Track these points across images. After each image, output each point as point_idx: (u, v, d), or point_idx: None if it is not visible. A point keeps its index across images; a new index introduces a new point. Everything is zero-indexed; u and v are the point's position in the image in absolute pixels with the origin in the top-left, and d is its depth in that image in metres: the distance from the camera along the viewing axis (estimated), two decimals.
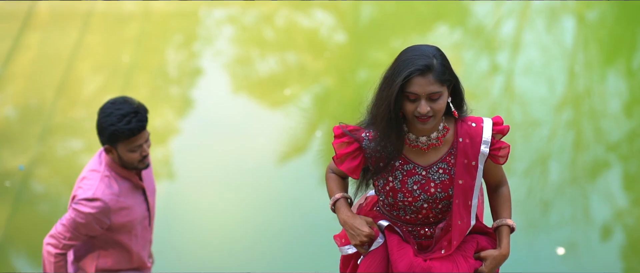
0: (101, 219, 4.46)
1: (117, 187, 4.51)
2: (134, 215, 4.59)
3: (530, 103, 7.91)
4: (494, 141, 3.43)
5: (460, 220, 3.45)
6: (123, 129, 4.39)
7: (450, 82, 3.33)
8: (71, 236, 4.49)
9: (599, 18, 9.46)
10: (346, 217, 3.50)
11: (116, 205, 4.49)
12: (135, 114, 4.41)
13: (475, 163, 3.43)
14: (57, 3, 9.45)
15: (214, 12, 9.66)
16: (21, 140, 7.42)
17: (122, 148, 4.45)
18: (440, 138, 3.42)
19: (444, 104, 3.32)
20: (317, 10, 9.69)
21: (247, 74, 8.65)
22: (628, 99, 8.00)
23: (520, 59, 8.68)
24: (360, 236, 3.44)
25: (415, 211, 3.50)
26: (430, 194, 3.45)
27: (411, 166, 3.45)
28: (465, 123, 3.44)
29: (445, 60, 3.32)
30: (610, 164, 7.21)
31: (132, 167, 4.52)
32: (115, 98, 4.50)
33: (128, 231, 4.61)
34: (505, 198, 3.59)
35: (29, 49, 8.71)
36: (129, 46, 8.88)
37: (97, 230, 4.50)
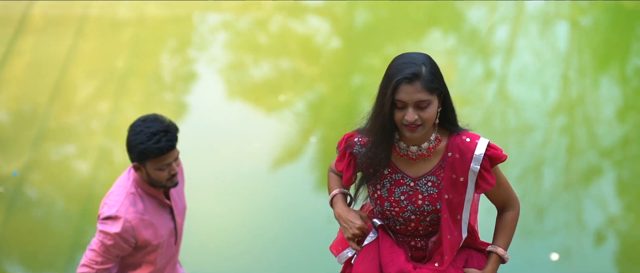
0: (127, 238, 4.42)
1: (141, 205, 4.47)
2: (159, 233, 4.55)
3: (524, 109, 7.92)
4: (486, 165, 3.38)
5: (450, 235, 3.42)
6: (152, 148, 4.36)
7: (440, 91, 3.29)
8: (103, 260, 4.45)
9: (592, 24, 9.47)
10: (340, 210, 3.49)
11: (140, 223, 4.45)
12: (165, 133, 4.38)
13: (464, 180, 3.38)
14: (51, 9, 9.45)
15: (208, 18, 9.66)
16: (14, 146, 7.41)
17: (150, 167, 4.41)
18: (430, 149, 3.38)
19: (433, 113, 3.29)
20: (311, 16, 9.70)
21: (241, 79, 8.65)
22: (621, 105, 8.02)
23: (514, 64, 8.69)
24: (352, 228, 3.42)
25: (404, 223, 3.48)
26: (417, 206, 3.42)
27: (400, 175, 3.43)
28: (459, 137, 3.40)
29: (435, 68, 3.29)
30: (603, 170, 7.23)
31: (160, 185, 4.49)
32: (146, 116, 4.47)
33: (153, 249, 4.57)
34: (505, 223, 3.53)
35: (23, 55, 8.70)
36: (123, 52, 8.87)
37: (127, 249, 4.46)
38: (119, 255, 4.48)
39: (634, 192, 6.98)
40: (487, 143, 3.38)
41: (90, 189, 7.00)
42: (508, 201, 3.53)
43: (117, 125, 7.73)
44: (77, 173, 7.27)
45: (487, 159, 3.37)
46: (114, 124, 7.75)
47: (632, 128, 7.73)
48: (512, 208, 3.53)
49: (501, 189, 3.49)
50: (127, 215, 4.42)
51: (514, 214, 3.53)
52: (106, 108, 7.99)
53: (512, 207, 3.53)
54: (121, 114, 7.90)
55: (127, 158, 7.41)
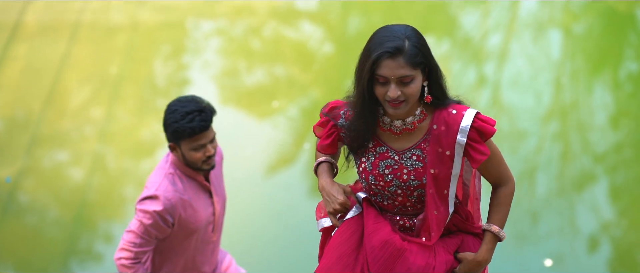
0: (166, 217, 4.40)
1: (181, 185, 4.46)
2: (198, 217, 4.53)
3: (518, 115, 7.93)
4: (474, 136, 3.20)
5: (436, 210, 3.25)
6: (185, 127, 4.36)
7: (424, 65, 3.13)
8: (142, 242, 4.43)
9: (585, 30, 9.49)
10: (325, 183, 3.32)
11: (178, 201, 4.43)
12: (199, 113, 4.37)
13: (450, 153, 3.20)
14: (45, 14, 9.44)
15: (202, 24, 9.67)
16: (8, 152, 7.40)
17: (185, 146, 4.41)
18: (414, 123, 3.22)
19: (417, 88, 3.13)
20: (304, 22, 9.70)
21: (235, 85, 8.65)
22: (615, 111, 8.03)
23: (508, 70, 8.71)
24: (334, 203, 3.24)
25: (391, 198, 3.30)
26: (402, 180, 3.24)
27: (384, 149, 3.27)
28: (446, 110, 3.22)
29: (419, 41, 3.12)
30: (597, 176, 7.23)
31: (196, 167, 4.47)
32: (184, 96, 4.48)
33: (190, 233, 4.55)
34: (499, 200, 3.35)
35: (17, 60, 8.70)
36: (116, 58, 8.87)
37: (166, 230, 4.44)
38: (158, 236, 4.45)
39: (628, 198, 6.99)
40: (475, 113, 3.21)
41: (84, 195, 6.99)
42: (502, 177, 3.34)
43: (111, 131, 7.73)
44: (71, 179, 7.26)
45: (474, 131, 3.19)
46: (108, 130, 7.75)
47: (626, 133, 7.74)
48: (506, 184, 3.35)
49: (494, 163, 3.30)
50: (166, 193, 4.42)
51: (508, 190, 3.35)
52: (100, 113, 7.98)
53: (506, 183, 3.35)
54: (115, 120, 7.90)
55: (120, 164, 7.42)
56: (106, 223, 6.82)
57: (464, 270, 3.30)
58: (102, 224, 6.81)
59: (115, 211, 6.94)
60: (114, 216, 6.88)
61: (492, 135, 3.19)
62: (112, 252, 6.49)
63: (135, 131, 7.85)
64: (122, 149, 7.57)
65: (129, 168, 7.42)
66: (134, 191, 7.13)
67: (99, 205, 6.95)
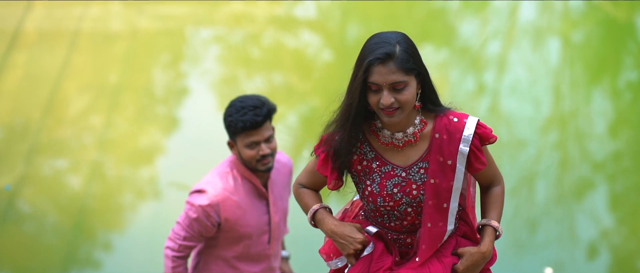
0: (210, 213, 4.34)
1: (233, 185, 4.40)
2: (248, 221, 4.44)
3: (517, 123, 7.93)
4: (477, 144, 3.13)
5: (431, 223, 3.13)
6: (237, 120, 4.29)
7: (417, 71, 3.06)
8: (186, 236, 4.37)
9: (584, 38, 9.50)
10: (333, 226, 3.22)
11: (226, 200, 4.36)
12: (254, 108, 4.30)
13: (452, 163, 3.12)
14: (44, 23, 9.45)
15: (201, 32, 9.67)
16: (7, 160, 7.40)
17: (240, 143, 4.33)
18: (416, 134, 3.13)
19: (411, 95, 3.05)
20: (303, 30, 9.71)
21: (233, 93, 8.65)
22: (614, 119, 8.03)
23: (506, 79, 8.71)
24: (353, 244, 3.16)
25: (400, 218, 3.20)
26: (412, 197, 3.14)
27: (389, 167, 3.16)
28: (446, 117, 3.15)
29: (411, 47, 3.05)
30: (596, 184, 7.23)
31: (251, 167, 4.39)
32: (249, 94, 4.41)
33: (239, 239, 4.46)
34: (494, 197, 3.27)
35: (16, 69, 8.70)
36: (115, 66, 8.87)
37: (210, 228, 4.37)
38: (203, 234, 4.39)
39: (627, 206, 6.99)
40: (477, 121, 3.15)
41: (83, 203, 6.99)
42: (494, 179, 3.28)
43: (110, 139, 7.73)
44: (70, 187, 7.26)
45: (477, 138, 3.13)
46: (107, 138, 7.74)
47: (625, 142, 7.75)
48: (499, 183, 3.29)
49: (491, 168, 3.25)
50: (214, 190, 4.35)
51: (500, 188, 3.28)
52: (99, 121, 7.98)
53: (498, 183, 3.29)
54: (113, 128, 7.90)
55: (119, 172, 7.42)
56: (105, 231, 6.81)
57: (468, 263, 3.18)
58: (100, 232, 6.80)
59: (114, 219, 6.94)
60: (112, 224, 6.88)
61: (493, 141, 3.16)
62: (111, 259, 6.50)
63: (134, 139, 7.85)
64: (121, 157, 7.56)
65: (127, 175, 7.42)
66: (132, 199, 7.13)
67: (97, 213, 6.95)
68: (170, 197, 7.05)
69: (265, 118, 4.32)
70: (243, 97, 4.36)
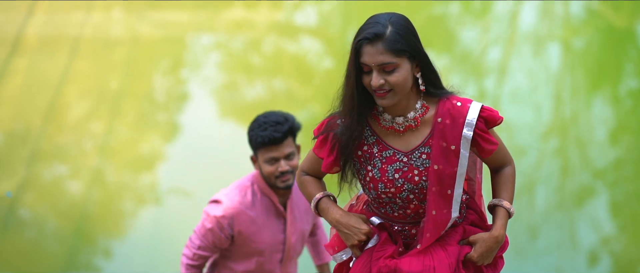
0: (224, 225, 4.35)
1: (250, 199, 4.41)
2: (261, 238, 4.44)
3: (517, 130, 7.93)
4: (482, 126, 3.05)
5: (435, 210, 3.05)
6: (257, 135, 4.31)
7: (410, 54, 2.99)
8: (201, 245, 4.39)
9: (585, 45, 9.50)
10: (338, 216, 3.14)
11: (241, 214, 4.37)
12: (276, 124, 4.32)
13: (455, 148, 3.03)
14: (45, 29, 9.45)
15: (202, 38, 9.67)
16: (8, 166, 7.39)
17: (260, 158, 4.35)
18: (417, 118, 3.07)
19: (403, 77, 2.98)
20: (304, 36, 9.71)
21: (234, 100, 8.66)
22: (614, 126, 8.03)
23: (507, 85, 8.71)
24: (358, 235, 3.09)
25: (403, 206, 3.12)
26: (414, 183, 3.06)
27: (391, 152, 3.08)
28: (449, 101, 3.07)
29: (404, 29, 2.99)
30: (597, 191, 7.23)
31: (270, 183, 4.38)
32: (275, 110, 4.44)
33: (251, 254, 4.46)
34: (505, 178, 3.19)
35: (17, 75, 8.70)
36: (116, 72, 8.87)
37: (223, 240, 4.38)
38: (216, 245, 4.40)
39: (628, 213, 6.99)
40: (481, 106, 3.06)
41: (83, 209, 6.98)
42: (504, 161, 3.21)
43: (110, 145, 7.72)
44: (70, 193, 7.26)
45: (482, 121, 3.06)
46: (107, 144, 7.74)
47: (625, 149, 7.75)
48: (509, 164, 3.21)
49: (500, 150, 3.17)
50: (231, 202, 4.37)
51: (511, 169, 3.21)
52: (99, 128, 7.98)
53: (508, 163, 3.21)
54: (114, 134, 7.90)
55: (119, 178, 7.41)
56: (105, 238, 6.81)
57: (482, 250, 3.10)
58: (101, 238, 6.80)
59: (114, 225, 6.94)
60: (112, 231, 6.88)
61: (499, 123, 3.08)
62: (111, 266, 6.50)
63: (134, 146, 7.85)
64: (122, 164, 7.56)
65: (128, 182, 7.42)
66: (133, 205, 7.13)
67: (98, 219, 6.94)
68: (170, 203, 7.05)
69: (285, 134, 4.33)
70: (268, 113, 4.40)
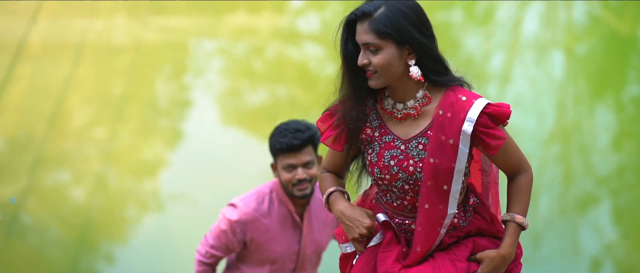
0: (236, 230, 4.37)
1: (267, 207, 4.42)
2: (274, 247, 4.44)
3: (520, 136, 7.93)
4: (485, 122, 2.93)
5: (428, 204, 2.96)
6: (276, 142, 4.34)
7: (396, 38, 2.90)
8: (213, 244, 4.42)
9: (587, 52, 9.50)
10: (343, 208, 3.05)
11: (255, 221, 4.38)
12: (295, 131, 4.32)
13: (453, 142, 2.92)
14: (49, 35, 9.46)
15: (204, 44, 9.68)
16: (11, 172, 7.40)
17: (279, 165, 4.36)
18: (416, 107, 2.97)
19: (385, 61, 2.91)
20: (307, 43, 9.72)
21: (237, 106, 8.66)
22: (617, 133, 8.03)
23: (510, 92, 8.71)
24: (359, 228, 2.99)
25: (400, 196, 3.03)
26: (409, 173, 2.97)
27: (390, 138, 3.00)
28: (455, 94, 2.96)
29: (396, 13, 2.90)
30: (599, 198, 7.23)
31: (288, 191, 4.39)
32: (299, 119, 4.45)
33: (263, 262, 4.47)
34: (518, 188, 3.05)
35: (21, 81, 8.70)
36: (120, 78, 8.88)
37: (234, 244, 4.40)
38: (229, 247, 4.41)
39: (630, 220, 6.98)
40: (486, 103, 2.94)
41: (87, 216, 6.99)
42: (520, 165, 3.05)
43: (113, 151, 7.73)
44: (73, 200, 7.26)
45: (486, 117, 2.93)
46: (110, 150, 7.75)
47: (628, 156, 7.74)
48: (525, 172, 3.05)
49: (510, 152, 3.02)
50: (246, 208, 4.38)
51: (527, 177, 3.04)
52: (102, 134, 7.99)
53: (524, 171, 3.05)
54: (117, 140, 7.90)
55: (122, 184, 7.42)
56: (108, 244, 6.81)
57: (489, 269, 3.02)
58: (103, 244, 6.80)
59: (117, 231, 6.94)
60: (115, 237, 6.88)
61: (507, 117, 2.96)
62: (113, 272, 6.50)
63: (137, 152, 7.85)
64: (124, 170, 7.56)
65: (130, 188, 7.42)
66: (135, 211, 7.13)
67: (100, 225, 6.95)
68: (173, 209, 7.06)
69: (304, 142, 4.33)
70: (290, 121, 4.42)
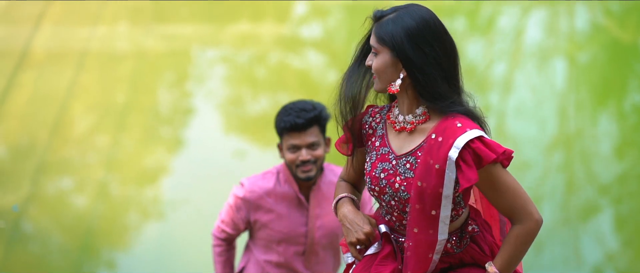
0: (241, 207, 4.34)
1: (272, 186, 4.37)
2: (279, 227, 4.39)
3: (522, 144, 7.93)
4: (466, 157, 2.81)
5: (418, 228, 2.87)
6: (280, 120, 4.26)
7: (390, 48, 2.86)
8: (224, 220, 4.40)
9: (590, 60, 9.51)
10: (347, 211, 2.99)
11: (259, 199, 4.34)
12: (300, 110, 4.24)
13: (440, 167, 2.81)
14: (52, 43, 9.47)
15: (207, 52, 9.69)
16: (13, 180, 7.40)
17: (284, 145, 4.28)
18: (413, 123, 2.90)
19: (378, 66, 2.87)
20: (309, 50, 9.72)
21: (239, 114, 8.66)
22: (619, 141, 8.03)
23: (512, 100, 8.71)
24: (358, 232, 2.92)
25: (388, 211, 2.98)
26: (394, 189, 2.91)
27: (387, 150, 2.94)
28: (454, 119, 2.86)
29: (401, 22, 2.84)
30: (601, 206, 7.22)
31: (292, 172, 4.32)
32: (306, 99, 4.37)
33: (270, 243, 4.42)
34: (507, 238, 2.89)
35: (24, 89, 8.71)
36: (122, 85, 8.88)
37: (239, 221, 4.37)
38: (236, 223, 4.38)
39: (633, 228, 6.98)
40: (479, 136, 2.83)
41: (89, 223, 6.99)
42: (513, 214, 2.89)
43: (116, 159, 7.73)
44: (75, 207, 7.26)
45: (470, 154, 2.81)
46: (113, 157, 7.75)
47: (631, 164, 7.74)
48: (520, 222, 2.87)
49: (502, 195, 2.88)
50: (252, 186, 4.35)
51: (521, 229, 2.86)
52: (105, 141, 7.99)
53: (520, 221, 2.87)
54: (120, 147, 7.91)
55: (124, 192, 7.42)
56: (110, 251, 6.81)
57: None
58: (105, 251, 6.80)
59: (119, 239, 6.94)
60: (117, 244, 6.88)
61: (489, 162, 2.81)
62: None
63: (139, 159, 7.86)
64: (127, 177, 7.57)
65: (132, 195, 7.42)
66: (137, 218, 7.14)
67: (103, 233, 6.95)
68: (174, 217, 7.06)
69: (309, 121, 4.24)
70: (298, 100, 4.33)
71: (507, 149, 2.88)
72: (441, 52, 2.88)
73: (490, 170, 2.86)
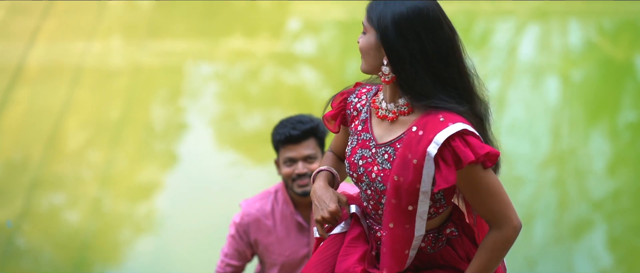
0: (240, 232, 4.26)
1: (270, 207, 4.28)
2: (280, 250, 4.30)
3: (515, 161, 7.94)
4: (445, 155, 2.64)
5: (393, 223, 2.70)
6: (275, 133, 4.21)
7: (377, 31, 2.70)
8: (227, 253, 4.31)
9: (583, 78, 9.53)
10: (317, 187, 2.86)
11: (257, 222, 4.26)
12: (297, 123, 4.18)
13: (417, 163, 2.63)
14: (47, 57, 9.48)
15: (201, 68, 9.70)
16: (7, 195, 7.39)
17: (280, 159, 4.22)
18: (394, 112, 2.74)
19: (363, 43, 2.74)
20: (303, 66, 9.74)
21: (232, 130, 8.67)
22: (612, 159, 8.04)
23: (505, 117, 8.73)
24: (323, 210, 2.78)
25: (365, 198, 2.85)
26: (371, 179, 2.76)
27: (368, 136, 2.80)
28: (437, 114, 2.68)
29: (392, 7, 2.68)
30: (594, 223, 7.23)
31: (288, 187, 4.25)
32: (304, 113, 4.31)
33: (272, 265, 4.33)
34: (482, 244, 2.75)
35: (18, 104, 8.71)
36: (116, 101, 8.89)
37: (243, 248, 4.28)
38: (240, 252, 4.29)
39: (625, 246, 6.98)
40: (462, 129, 2.66)
41: (82, 239, 6.98)
42: (493, 216, 2.74)
43: (109, 174, 7.73)
44: (68, 223, 7.25)
45: (450, 152, 2.64)
46: (106, 173, 7.75)
47: (623, 181, 7.75)
48: (498, 227, 2.73)
49: (481, 198, 2.73)
50: (248, 208, 4.28)
51: (498, 236, 2.73)
52: (99, 157, 7.99)
53: (498, 226, 2.73)
54: (113, 163, 7.90)
55: (118, 208, 7.41)
56: (103, 267, 6.80)
57: None
58: (98, 267, 6.79)
59: (112, 254, 6.93)
60: (110, 260, 6.87)
61: (469, 162, 2.64)
62: None
63: (133, 175, 7.86)
64: (120, 193, 7.56)
65: (126, 211, 7.42)
66: (130, 235, 7.13)
67: (96, 248, 6.94)
68: (168, 233, 7.05)
69: (305, 134, 4.17)
70: (296, 115, 4.26)
71: (491, 150, 2.71)
72: (431, 46, 2.68)
73: (470, 171, 2.69)
